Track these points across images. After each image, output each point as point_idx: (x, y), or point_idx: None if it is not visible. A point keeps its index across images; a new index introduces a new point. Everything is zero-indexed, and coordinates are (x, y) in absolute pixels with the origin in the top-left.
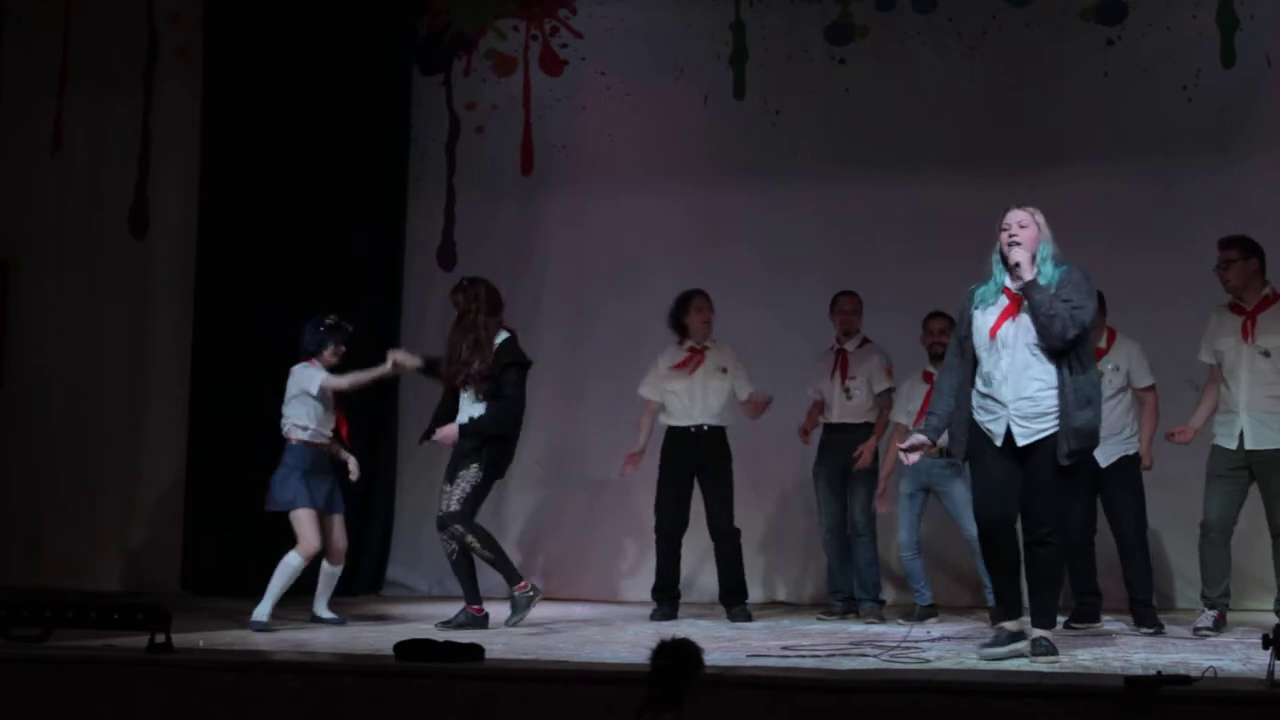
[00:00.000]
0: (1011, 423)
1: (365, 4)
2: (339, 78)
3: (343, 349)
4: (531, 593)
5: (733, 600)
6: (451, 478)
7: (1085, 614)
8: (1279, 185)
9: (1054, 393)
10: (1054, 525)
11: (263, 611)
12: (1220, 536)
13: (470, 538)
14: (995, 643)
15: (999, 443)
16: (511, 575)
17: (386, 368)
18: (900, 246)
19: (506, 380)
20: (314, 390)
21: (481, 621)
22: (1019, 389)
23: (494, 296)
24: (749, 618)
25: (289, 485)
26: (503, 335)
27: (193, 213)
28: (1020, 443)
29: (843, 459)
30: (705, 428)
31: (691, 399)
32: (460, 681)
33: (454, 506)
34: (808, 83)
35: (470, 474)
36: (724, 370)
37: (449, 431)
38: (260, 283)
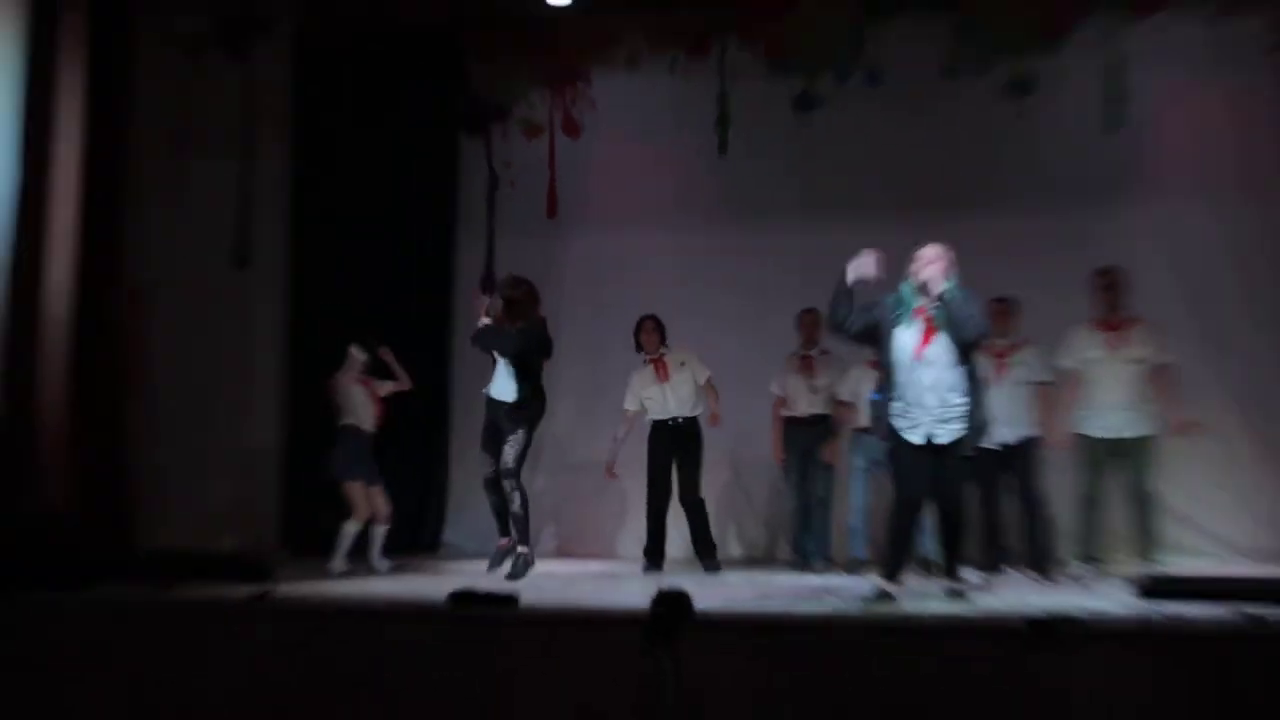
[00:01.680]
0: (931, 427)
1: (421, 82)
2: (401, 141)
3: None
4: (532, 559)
5: (705, 554)
6: (499, 443)
7: (993, 565)
8: (1154, 227)
9: (964, 400)
10: (960, 500)
11: (337, 561)
12: (1093, 502)
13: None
14: (879, 595)
15: (918, 442)
16: (526, 536)
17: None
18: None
19: (536, 366)
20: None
21: (531, 561)
22: (942, 399)
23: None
24: (719, 569)
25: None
26: None
27: (284, 248)
28: (940, 441)
29: (805, 445)
30: (680, 419)
31: (664, 398)
32: (500, 626)
33: (512, 463)
34: (779, 142)
35: (519, 438)
36: (683, 364)
37: None
38: (338, 302)
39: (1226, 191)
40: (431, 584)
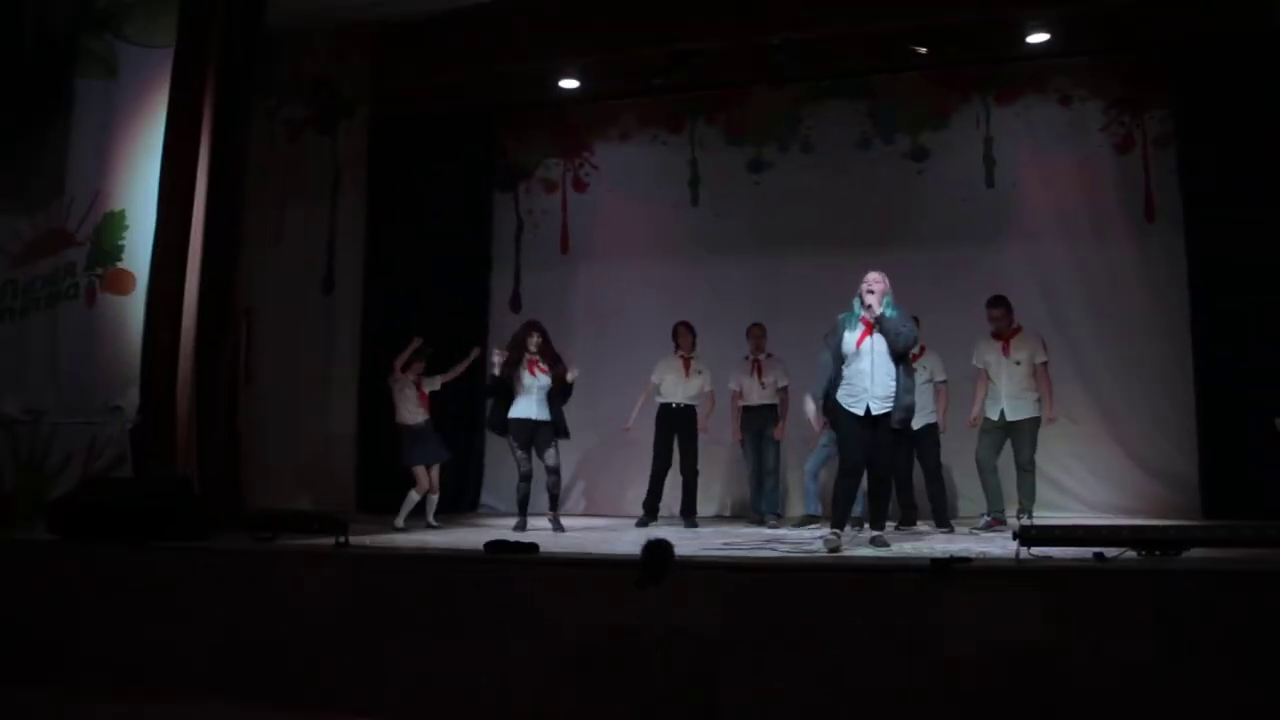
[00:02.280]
0: (870, 402)
1: (465, 150)
2: (449, 195)
3: (422, 364)
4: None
5: (688, 514)
6: (546, 448)
7: (907, 520)
8: (1025, 260)
9: (894, 384)
10: (890, 466)
11: (400, 520)
12: (991, 469)
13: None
14: (829, 540)
15: (860, 414)
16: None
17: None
18: (795, 298)
19: (568, 388)
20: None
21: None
22: (878, 380)
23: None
24: (697, 525)
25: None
26: None
27: (361, 276)
28: (875, 413)
29: (757, 428)
30: (682, 405)
31: (678, 386)
32: (525, 565)
33: (558, 462)
34: (736, 197)
35: (557, 442)
36: (700, 372)
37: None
38: (401, 319)
39: (1078, 233)
40: (471, 535)
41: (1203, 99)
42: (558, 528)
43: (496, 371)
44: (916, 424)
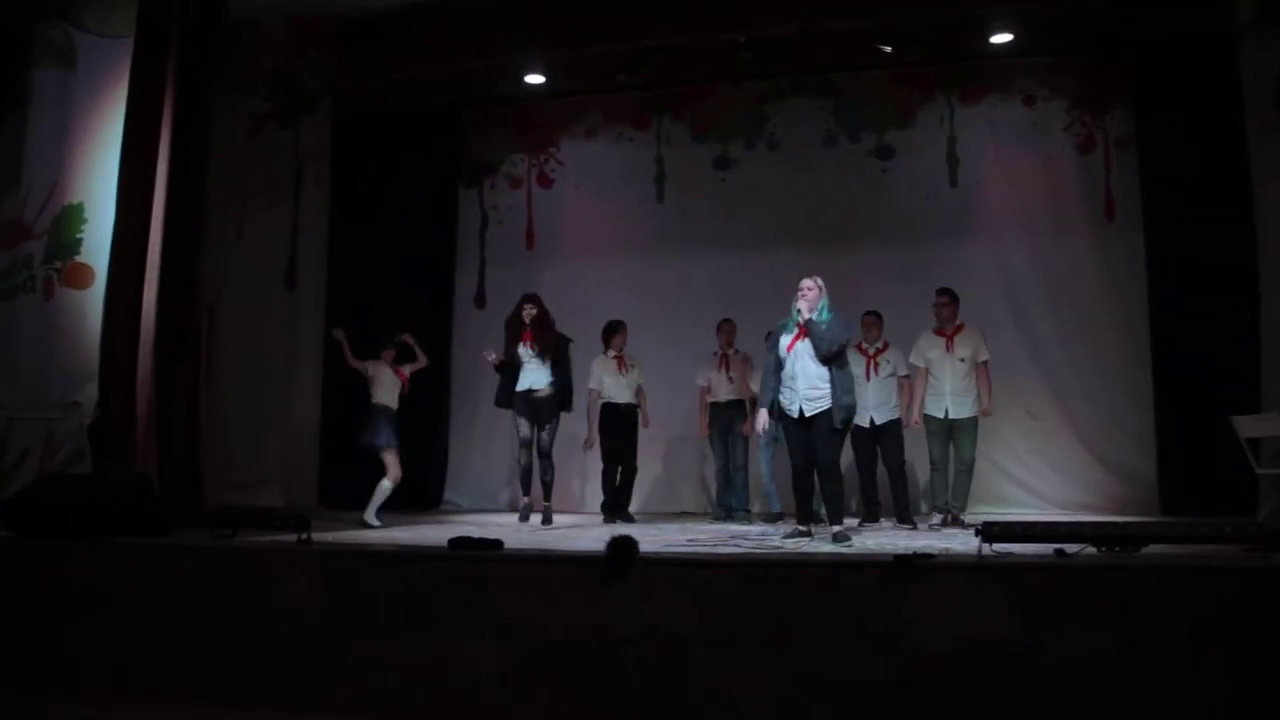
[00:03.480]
0: (801, 403)
1: (430, 145)
2: (414, 191)
3: (394, 352)
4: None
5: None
6: (545, 423)
7: (870, 517)
8: (987, 258)
9: (827, 385)
10: (834, 462)
11: (370, 514)
12: (942, 468)
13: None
14: (794, 534)
15: (795, 416)
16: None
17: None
18: (757, 290)
19: (565, 355)
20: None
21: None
22: (807, 382)
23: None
24: (631, 520)
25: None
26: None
27: (324, 272)
28: (807, 414)
29: (725, 423)
30: (626, 405)
31: (618, 386)
32: (489, 562)
33: (550, 445)
34: (702, 194)
35: (556, 422)
36: (632, 367)
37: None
38: (364, 315)
39: (1039, 231)
40: (435, 532)
41: (1163, 100)
42: (548, 520)
43: (492, 358)
44: (880, 419)
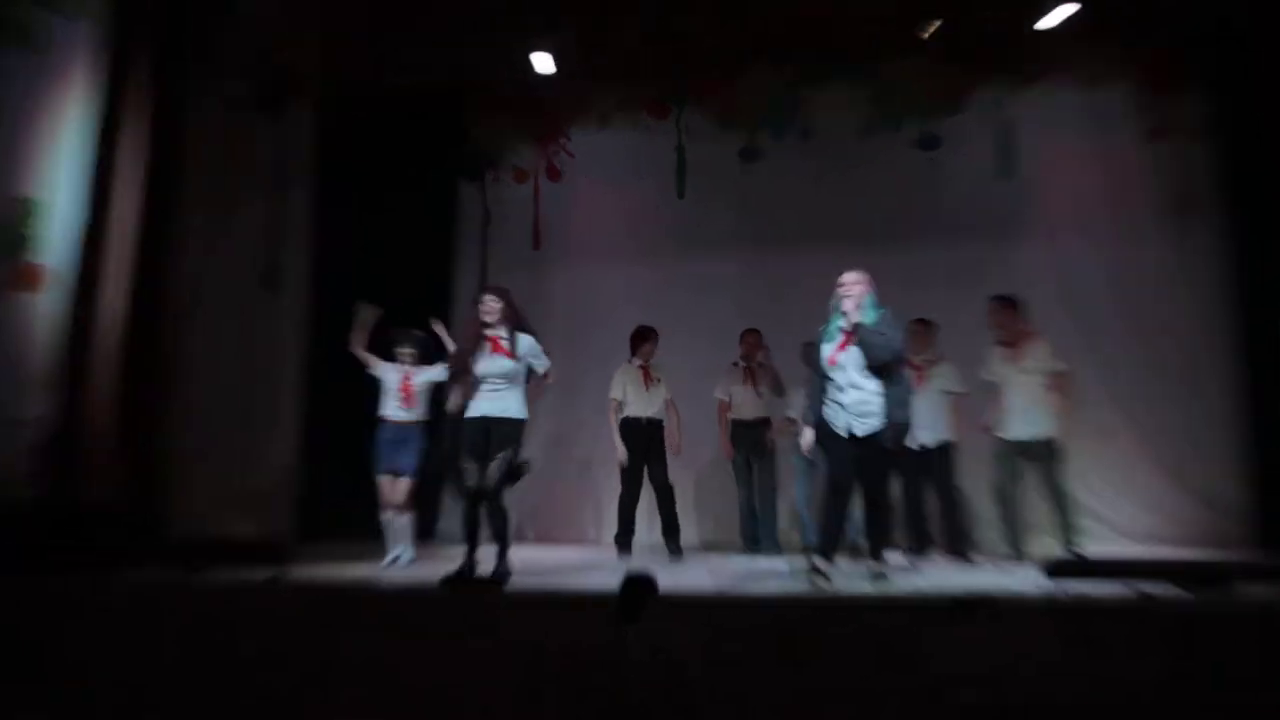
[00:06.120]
0: (849, 421)
1: (426, 134)
2: (409, 184)
3: (414, 351)
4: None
5: (671, 535)
6: (496, 454)
7: (919, 549)
8: (1043, 259)
9: (879, 399)
10: (883, 490)
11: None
12: (1009, 499)
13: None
14: (812, 572)
15: (843, 435)
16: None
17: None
18: (787, 291)
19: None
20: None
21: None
22: (857, 399)
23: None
24: (681, 553)
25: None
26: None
27: (308, 274)
28: (859, 434)
29: (750, 446)
30: (649, 420)
31: (641, 400)
32: (488, 607)
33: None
34: (726, 187)
35: (513, 451)
36: (659, 380)
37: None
38: (352, 321)
39: (1101, 230)
40: (426, 569)
41: (1245, 84)
42: (501, 576)
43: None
44: (929, 441)
